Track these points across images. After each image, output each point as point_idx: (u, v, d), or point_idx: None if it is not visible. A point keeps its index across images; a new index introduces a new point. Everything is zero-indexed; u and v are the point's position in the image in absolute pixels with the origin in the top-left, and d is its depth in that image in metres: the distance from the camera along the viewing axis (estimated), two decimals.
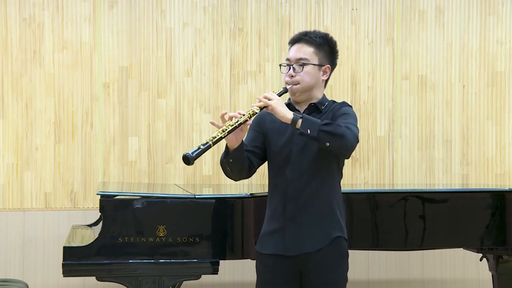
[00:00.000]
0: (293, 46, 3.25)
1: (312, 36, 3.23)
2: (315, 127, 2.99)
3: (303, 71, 3.19)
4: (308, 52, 3.21)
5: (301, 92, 3.22)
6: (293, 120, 3.01)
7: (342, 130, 3.01)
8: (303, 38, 3.23)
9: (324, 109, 3.23)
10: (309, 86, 3.21)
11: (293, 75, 3.20)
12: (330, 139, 2.99)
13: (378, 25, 5.64)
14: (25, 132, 5.31)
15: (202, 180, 5.44)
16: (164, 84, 5.44)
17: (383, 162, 5.63)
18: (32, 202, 5.31)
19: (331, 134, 2.99)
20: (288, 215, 3.17)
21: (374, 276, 5.59)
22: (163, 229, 3.86)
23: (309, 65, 3.19)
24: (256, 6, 5.54)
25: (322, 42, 3.24)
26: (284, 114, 3.02)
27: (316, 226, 3.16)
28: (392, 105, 5.65)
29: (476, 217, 4.30)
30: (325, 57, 3.24)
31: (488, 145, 5.72)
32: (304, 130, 2.99)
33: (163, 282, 3.85)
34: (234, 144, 3.09)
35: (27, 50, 5.32)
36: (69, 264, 3.82)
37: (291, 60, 3.22)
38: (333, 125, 3.01)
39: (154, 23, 5.44)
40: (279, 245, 3.18)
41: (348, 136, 3.02)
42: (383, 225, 4.21)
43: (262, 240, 3.26)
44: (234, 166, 3.15)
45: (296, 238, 3.16)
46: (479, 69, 5.71)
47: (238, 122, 3.02)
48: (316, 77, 3.22)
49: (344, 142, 3.01)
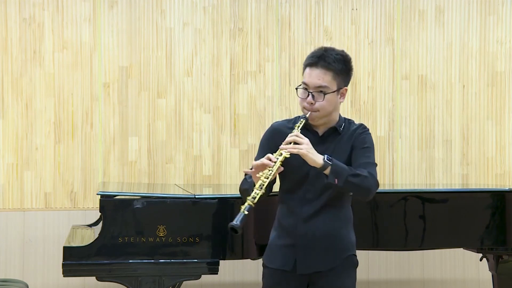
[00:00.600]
0: (310, 70, 3.14)
1: (330, 62, 3.12)
2: (342, 178, 3.00)
3: (324, 99, 3.12)
4: (327, 80, 3.12)
5: (320, 118, 3.16)
6: (323, 166, 3.00)
7: (369, 183, 3.05)
8: (320, 63, 3.13)
9: (342, 130, 3.20)
10: (328, 112, 3.16)
11: (312, 102, 3.12)
12: (355, 190, 3.07)
13: (378, 25, 5.64)
14: (25, 132, 5.31)
15: (202, 180, 5.44)
16: (164, 84, 5.44)
17: (383, 162, 5.63)
18: (32, 202, 5.31)
19: (357, 186, 3.04)
20: (300, 234, 3.14)
21: (374, 276, 5.59)
22: (163, 229, 3.86)
23: (329, 94, 3.12)
24: (256, 6, 5.53)
25: (340, 66, 3.16)
26: (315, 161, 3.00)
27: (328, 246, 3.13)
28: (392, 105, 5.65)
29: (476, 217, 4.30)
30: (343, 80, 3.18)
31: (488, 145, 5.72)
32: (331, 180, 3.00)
33: (163, 282, 3.85)
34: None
35: (27, 50, 5.32)
36: (69, 264, 3.82)
37: (310, 86, 3.13)
38: (360, 177, 3.03)
39: (154, 23, 5.44)
40: (289, 262, 3.15)
41: (372, 188, 3.07)
42: (383, 225, 4.21)
43: (270, 252, 3.23)
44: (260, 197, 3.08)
45: (308, 257, 3.13)
46: (479, 69, 5.71)
47: (273, 174, 2.98)
48: (335, 102, 3.17)
49: (367, 193, 3.09)
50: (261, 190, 2.95)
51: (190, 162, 5.44)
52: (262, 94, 5.51)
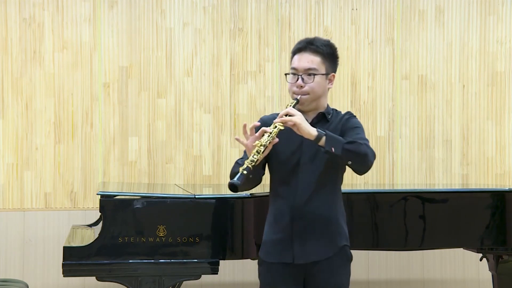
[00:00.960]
0: (299, 55, 3.21)
1: (318, 45, 3.19)
2: (339, 145, 3.00)
3: (314, 81, 3.17)
4: (316, 62, 3.18)
5: (310, 102, 3.20)
6: (317, 137, 3.00)
7: (365, 149, 3.03)
8: (308, 47, 3.20)
9: (331, 118, 3.23)
10: (318, 95, 3.20)
11: (302, 85, 3.17)
12: (353, 157, 3.03)
13: (378, 25, 5.64)
14: (25, 132, 5.31)
15: (202, 180, 5.44)
16: (164, 84, 5.44)
17: (383, 162, 5.63)
18: (32, 202, 5.31)
19: (354, 153, 3.02)
20: (296, 225, 3.16)
21: (374, 276, 5.59)
22: (163, 229, 3.86)
23: (318, 75, 3.17)
24: (256, 6, 5.54)
25: (327, 50, 3.21)
26: (309, 131, 3.01)
27: (323, 236, 3.16)
28: (392, 105, 5.65)
29: (476, 217, 4.30)
30: (330, 65, 3.23)
31: (488, 145, 5.72)
32: (328, 148, 2.99)
33: (163, 282, 3.85)
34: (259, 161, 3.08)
35: (27, 50, 5.32)
36: (69, 264, 3.82)
37: (299, 69, 3.19)
38: (356, 144, 3.03)
39: (154, 23, 5.44)
40: (286, 254, 3.17)
41: (370, 155, 3.05)
42: (383, 225, 4.21)
43: (266, 247, 3.24)
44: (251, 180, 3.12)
45: (304, 247, 3.16)
46: (479, 69, 5.71)
47: (268, 141, 3.01)
48: (323, 86, 3.21)
49: (366, 161, 3.05)
50: (258, 154, 2.98)
51: (190, 162, 5.44)
52: (262, 94, 5.51)
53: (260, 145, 3.00)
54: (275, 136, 3.03)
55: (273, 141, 3.03)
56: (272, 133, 3.02)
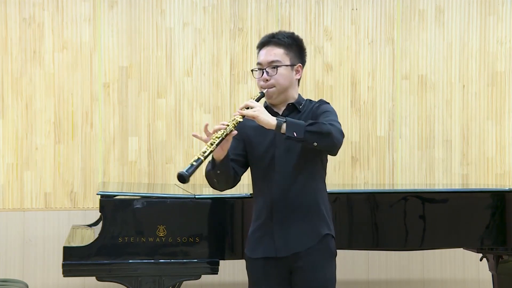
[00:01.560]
0: (262, 50, 3.26)
1: (280, 37, 3.23)
2: (300, 129, 2.99)
3: (277, 73, 3.20)
4: (279, 54, 3.22)
5: (278, 95, 3.22)
6: (277, 126, 3.00)
7: (327, 128, 3.01)
8: (271, 40, 3.24)
9: (302, 108, 3.24)
10: (284, 87, 3.22)
11: (267, 78, 3.21)
12: (316, 138, 3.00)
13: (378, 25, 5.64)
14: (25, 132, 5.31)
15: (202, 180, 5.42)
16: (164, 84, 5.44)
17: (383, 162, 5.63)
18: (32, 202, 5.31)
19: (317, 133, 3.00)
20: (276, 218, 3.18)
21: (374, 276, 5.59)
22: (163, 229, 3.86)
23: (282, 67, 3.20)
24: (256, 6, 5.54)
25: (290, 42, 3.24)
26: (268, 121, 3.01)
27: (304, 226, 3.17)
28: (392, 105, 5.65)
29: (476, 217, 4.29)
30: (296, 56, 3.25)
31: (488, 145, 5.72)
32: (290, 133, 2.99)
33: (163, 282, 3.85)
34: (221, 155, 3.10)
35: (27, 50, 5.32)
36: (69, 264, 3.82)
37: (263, 64, 3.24)
38: (317, 124, 3.02)
39: (154, 23, 5.44)
40: (269, 248, 3.19)
41: (334, 132, 3.02)
42: (383, 225, 4.21)
43: (250, 243, 3.27)
44: (221, 176, 3.16)
45: (285, 239, 3.17)
46: (479, 69, 5.71)
47: (224, 133, 3.01)
48: (290, 77, 3.23)
49: (331, 139, 3.02)
50: (211, 146, 2.98)
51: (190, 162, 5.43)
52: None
53: (215, 137, 3.01)
54: (233, 128, 3.03)
55: (231, 133, 3.03)
56: (229, 125, 3.02)
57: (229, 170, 3.17)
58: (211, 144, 2.99)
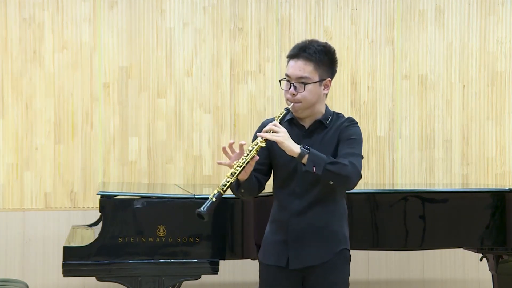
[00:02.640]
0: (291, 61, 3.16)
1: (311, 52, 3.13)
2: (320, 165, 2.98)
3: (305, 90, 3.12)
4: (308, 70, 3.12)
5: (303, 110, 3.17)
6: (300, 155, 2.98)
7: (347, 171, 3.01)
8: (301, 54, 3.14)
9: (329, 124, 3.20)
10: (312, 103, 3.16)
11: (294, 93, 3.13)
12: (333, 178, 3.02)
13: (378, 25, 5.64)
14: (25, 132, 5.31)
15: (202, 180, 5.44)
16: (164, 84, 5.44)
17: (383, 162, 5.63)
18: (32, 202, 5.31)
19: (335, 174, 3.00)
20: (292, 229, 3.16)
21: (374, 276, 5.59)
22: (163, 229, 3.86)
23: (310, 84, 3.13)
24: (256, 6, 5.53)
25: (321, 57, 3.14)
26: (291, 148, 2.99)
27: (320, 241, 3.15)
28: (392, 105, 5.65)
29: (476, 217, 4.30)
30: (325, 70, 3.17)
31: (488, 145, 5.72)
32: (309, 168, 2.98)
33: (163, 282, 3.85)
34: (244, 177, 3.06)
35: (27, 50, 5.32)
36: (69, 264, 3.82)
37: (291, 77, 3.15)
38: (338, 165, 3.01)
39: (154, 23, 5.44)
40: (282, 257, 3.17)
41: (352, 177, 3.04)
42: (383, 225, 4.21)
43: (264, 248, 3.25)
44: (246, 193, 3.14)
45: (300, 251, 3.15)
46: (479, 69, 5.71)
47: (246, 161, 2.99)
48: (318, 93, 3.16)
49: (347, 182, 3.05)
50: (232, 178, 2.96)
51: (190, 162, 5.44)
52: (262, 94, 5.51)
53: (236, 166, 2.98)
54: (255, 154, 3.00)
55: (253, 159, 3.00)
56: (252, 151, 2.99)
57: (253, 185, 3.15)
58: (231, 175, 2.97)
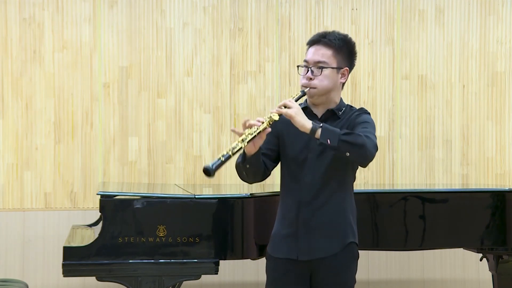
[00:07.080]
0: (312, 48, 3.19)
1: (331, 38, 3.16)
2: (335, 137, 2.95)
3: (322, 74, 3.13)
4: (327, 55, 3.14)
5: (319, 96, 3.17)
6: (312, 130, 2.96)
7: (362, 140, 2.99)
8: (321, 40, 3.16)
9: (342, 115, 3.20)
10: (327, 89, 3.16)
11: (311, 77, 3.14)
12: (350, 149, 2.98)
13: (378, 25, 5.64)
14: (25, 132, 5.31)
15: (202, 180, 5.44)
16: (164, 84, 5.44)
17: (383, 162, 5.63)
18: (32, 202, 5.31)
19: (351, 144, 2.97)
20: (302, 221, 3.16)
21: (374, 276, 5.59)
22: (163, 229, 3.86)
23: (327, 69, 3.14)
24: (256, 6, 5.54)
25: (341, 44, 3.17)
26: (303, 123, 2.97)
27: (330, 232, 3.15)
28: (392, 105, 5.65)
29: (476, 217, 4.30)
30: (344, 59, 3.18)
31: (488, 145, 5.72)
32: (324, 140, 2.95)
33: (163, 282, 3.85)
34: (252, 150, 3.05)
35: (27, 50, 5.32)
36: (69, 264, 3.82)
37: (310, 62, 3.16)
38: (352, 135, 2.99)
39: (154, 23, 5.44)
40: (292, 250, 3.17)
41: (368, 145, 3.01)
42: (383, 225, 4.21)
43: (274, 242, 3.25)
44: (250, 170, 3.13)
45: (310, 243, 3.15)
46: (479, 69, 5.71)
47: (258, 131, 2.97)
48: (334, 80, 3.17)
49: (364, 151, 3.00)
50: (242, 143, 2.94)
51: (190, 162, 5.44)
52: (262, 94, 5.51)
53: (247, 133, 2.97)
54: (267, 125, 2.99)
55: (264, 131, 2.99)
56: (264, 122, 2.98)
57: (259, 165, 3.13)
58: (242, 141, 2.95)
